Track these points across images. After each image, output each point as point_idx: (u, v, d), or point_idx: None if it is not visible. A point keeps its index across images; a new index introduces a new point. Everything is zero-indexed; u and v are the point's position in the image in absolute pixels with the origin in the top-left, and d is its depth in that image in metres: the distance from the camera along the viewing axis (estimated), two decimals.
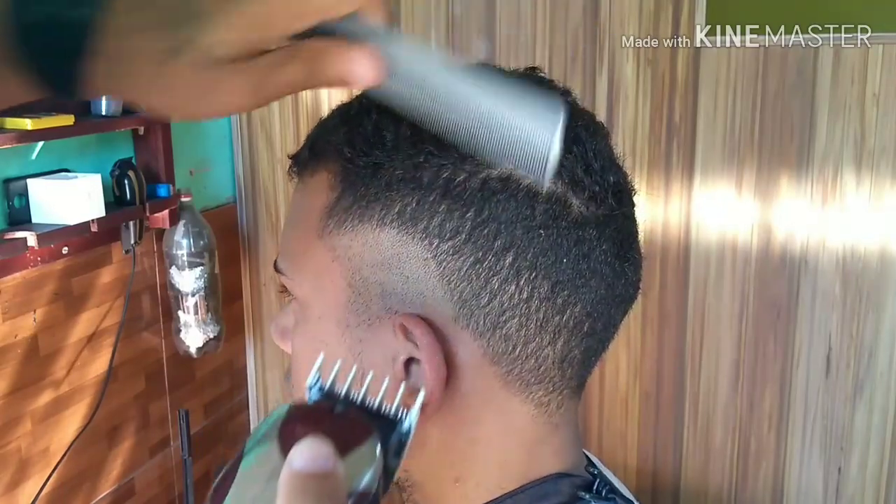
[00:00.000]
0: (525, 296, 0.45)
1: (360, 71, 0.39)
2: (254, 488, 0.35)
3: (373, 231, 0.46)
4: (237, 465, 0.36)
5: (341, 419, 0.38)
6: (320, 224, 0.48)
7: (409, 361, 0.46)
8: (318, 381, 0.41)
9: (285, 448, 0.35)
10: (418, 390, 0.46)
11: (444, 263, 0.44)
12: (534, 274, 0.44)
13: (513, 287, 0.44)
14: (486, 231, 0.44)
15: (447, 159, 0.44)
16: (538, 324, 0.45)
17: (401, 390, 0.40)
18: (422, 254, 0.45)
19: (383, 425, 0.39)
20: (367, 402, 0.40)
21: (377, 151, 0.45)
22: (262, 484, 0.35)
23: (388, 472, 0.38)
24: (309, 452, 0.33)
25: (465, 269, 0.44)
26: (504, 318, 0.45)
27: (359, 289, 0.47)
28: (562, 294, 0.45)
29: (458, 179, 0.44)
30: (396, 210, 0.45)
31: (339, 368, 0.41)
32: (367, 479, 0.36)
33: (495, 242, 0.44)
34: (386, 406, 0.40)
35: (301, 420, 0.38)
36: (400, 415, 0.40)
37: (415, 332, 0.45)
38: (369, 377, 0.41)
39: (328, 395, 0.41)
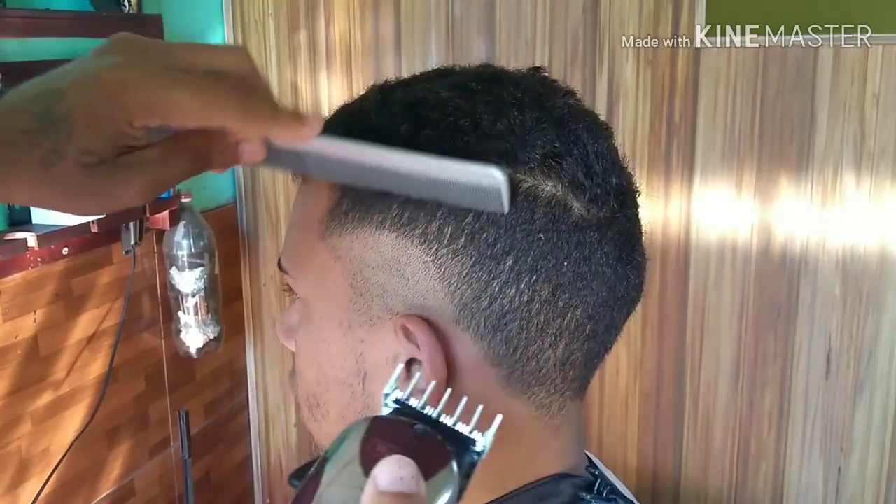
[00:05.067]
0: (525, 299, 0.44)
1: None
2: (337, 501, 0.36)
3: (372, 234, 0.46)
4: (319, 474, 0.36)
5: (423, 440, 0.38)
6: (322, 226, 0.48)
7: (411, 362, 0.46)
8: (395, 390, 0.41)
9: (367, 463, 0.35)
10: (422, 391, 0.46)
11: (444, 267, 0.44)
12: (534, 277, 0.44)
13: (513, 290, 0.44)
14: (485, 235, 0.44)
15: None
16: (539, 326, 0.45)
17: (478, 412, 0.40)
18: (421, 257, 0.45)
19: (458, 446, 0.39)
20: (442, 420, 0.40)
21: None
22: (345, 498, 0.35)
23: (459, 494, 0.38)
24: (395, 472, 0.33)
25: (464, 272, 0.44)
26: (505, 320, 0.45)
27: (360, 290, 0.47)
28: (563, 297, 0.45)
29: None
30: (394, 214, 0.45)
31: (416, 384, 0.42)
32: (446, 503, 0.36)
33: (495, 246, 0.44)
34: (461, 426, 0.40)
35: (383, 436, 0.38)
36: (474, 436, 0.39)
37: (416, 333, 0.45)
38: (447, 395, 0.41)
39: (404, 409, 0.40)
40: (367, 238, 0.46)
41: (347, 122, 0.48)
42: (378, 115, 0.46)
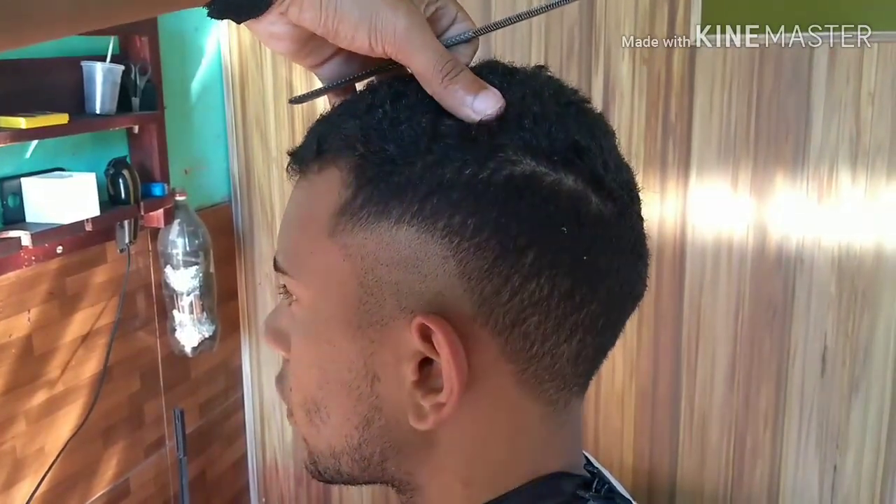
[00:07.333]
0: (545, 293, 0.44)
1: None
2: None
3: (390, 229, 0.44)
4: None
5: None
6: (331, 223, 0.46)
7: (422, 362, 0.45)
8: None
9: None
10: (435, 390, 0.45)
11: (465, 262, 0.43)
12: (554, 271, 0.44)
13: (533, 284, 0.44)
14: (508, 228, 0.43)
15: (471, 154, 0.43)
16: (556, 321, 0.45)
17: None
18: (441, 252, 0.43)
19: None
20: None
21: (394, 146, 0.44)
22: None
23: None
24: None
25: (486, 266, 0.43)
26: (524, 315, 0.44)
27: (371, 288, 0.45)
28: (580, 291, 0.45)
29: (481, 176, 0.43)
30: (416, 208, 0.43)
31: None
32: None
33: (517, 240, 0.43)
34: None
35: None
36: None
37: (436, 331, 0.43)
38: None
39: None
40: (383, 234, 0.44)
41: (355, 115, 0.46)
42: (393, 107, 0.45)
